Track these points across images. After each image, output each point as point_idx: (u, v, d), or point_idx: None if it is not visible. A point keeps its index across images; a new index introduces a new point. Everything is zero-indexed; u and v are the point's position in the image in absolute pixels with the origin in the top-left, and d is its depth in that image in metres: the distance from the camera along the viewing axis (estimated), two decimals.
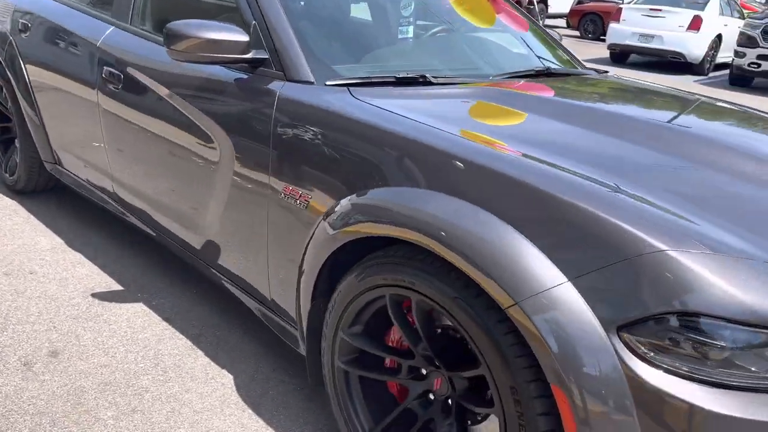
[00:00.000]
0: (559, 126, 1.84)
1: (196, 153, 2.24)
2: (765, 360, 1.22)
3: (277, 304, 2.09)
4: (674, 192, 1.48)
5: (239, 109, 2.07)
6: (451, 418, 1.62)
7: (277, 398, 2.14)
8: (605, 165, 1.58)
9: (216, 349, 2.38)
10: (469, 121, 1.82)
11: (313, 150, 1.83)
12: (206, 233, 2.32)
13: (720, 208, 1.44)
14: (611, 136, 1.79)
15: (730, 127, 2.14)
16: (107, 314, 2.56)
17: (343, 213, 1.69)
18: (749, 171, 1.67)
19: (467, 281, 1.43)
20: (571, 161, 1.55)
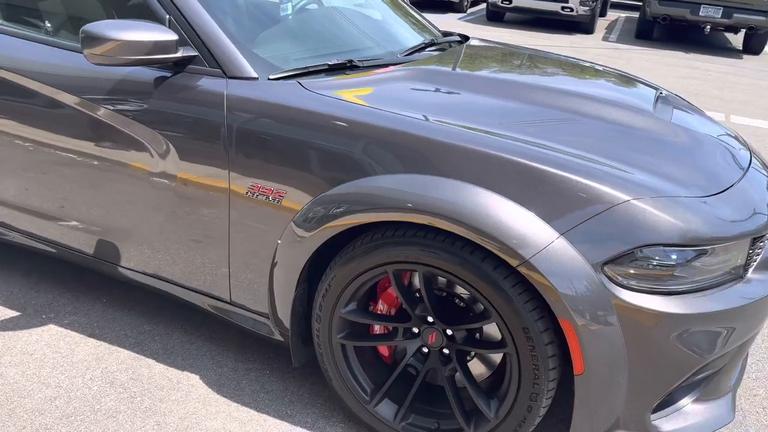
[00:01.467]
0: (500, 102, 2.11)
1: (126, 164, 2.13)
2: (694, 269, 1.68)
3: (240, 300, 2.14)
4: (599, 148, 1.87)
5: (178, 112, 2.01)
6: (452, 363, 1.90)
7: (253, 385, 2.21)
8: (553, 136, 1.89)
9: (165, 354, 2.33)
10: (430, 106, 2.01)
11: (283, 146, 1.89)
12: (140, 243, 2.24)
13: (635, 157, 1.86)
14: (546, 106, 2.11)
15: (597, 84, 2.62)
16: (21, 345, 2.33)
17: (329, 205, 1.81)
18: (636, 122, 2.12)
19: (472, 249, 1.69)
20: (528, 135, 1.85)
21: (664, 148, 1.96)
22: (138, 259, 2.30)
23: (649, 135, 2.03)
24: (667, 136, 2.05)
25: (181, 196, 2.08)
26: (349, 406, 2.00)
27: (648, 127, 2.08)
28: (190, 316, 2.56)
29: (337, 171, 1.83)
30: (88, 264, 2.44)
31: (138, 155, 2.10)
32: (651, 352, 1.66)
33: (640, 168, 1.78)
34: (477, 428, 1.84)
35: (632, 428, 1.75)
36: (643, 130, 2.05)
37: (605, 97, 2.29)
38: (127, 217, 2.23)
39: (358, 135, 1.83)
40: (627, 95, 2.44)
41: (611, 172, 1.71)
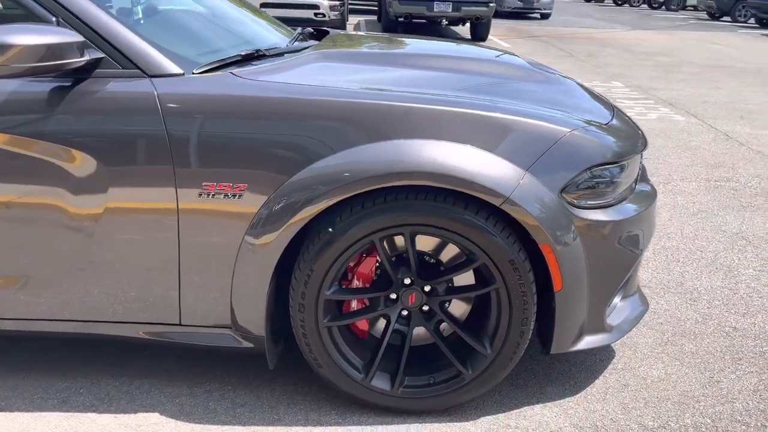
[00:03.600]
0: (411, 71, 2.25)
1: (36, 203, 1.84)
2: (619, 184, 2.00)
3: (193, 320, 1.98)
4: (517, 97, 2.12)
5: (93, 126, 1.79)
6: (436, 317, 2.00)
7: (223, 404, 2.05)
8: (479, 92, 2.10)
9: (104, 404, 2.04)
10: (365, 80, 2.06)
11: (236, 138, 1.81)
12: (58, 288, 1.94)
13: (544, 100, 2.15)
14: (431, 70, 2.30)
15: (468, 50, 2.90)
16: None
17: (298, 193, 1.79)
18: (519, 74, 2.43)
19: (454, 200, 1.81)
20: (464, 93, 2.02)
21: (556, 92, 2.30)
22: (50, 306, 1.99)
23: (539, 84, 2.35)
24: (549, 83, 2.40)
25: (108, 231, 1.87)
26: (344, 388, 1.99)
27: (531, 77, 2.41)
28: (109, 359, 2.27)
29: (301, 153, 1.81)
30: None
31: (49, 190, 1.84)
32: (604, 259, 1.96)
33: (555, 107, 2.07)
34: (474, 368, 1.98)
35: (592, 330, 2.04)
36: (530, 81, 2.37)
37: (486, 58, 2.60)
38: (42, 264, 1.92)
39: (319, 114, 1.83)
40: (500, 59, 2.75)
41: (545, 113, 1.97)
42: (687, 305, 2.75)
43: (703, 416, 2.05)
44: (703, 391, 2.17)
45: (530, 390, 2.16)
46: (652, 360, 2.34)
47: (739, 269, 3.11)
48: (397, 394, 1.99)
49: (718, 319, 2.64)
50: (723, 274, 3.05)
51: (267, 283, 1.90)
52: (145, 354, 2.31)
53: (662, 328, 2.56)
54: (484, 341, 1.96)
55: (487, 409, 2.06)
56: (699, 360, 2.35)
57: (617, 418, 2.03)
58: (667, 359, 2.35)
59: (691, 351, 2.40)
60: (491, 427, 1.98)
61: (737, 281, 2.98)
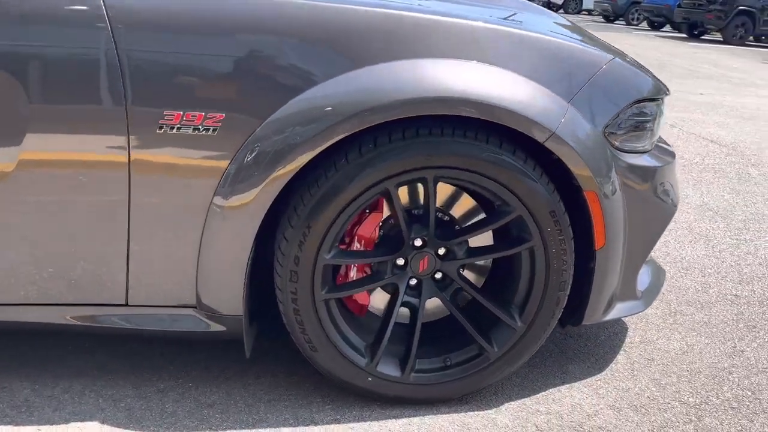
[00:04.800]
0: None
1: None
2: (656, 125, 1.73)
3: (143, 299, 1.53)
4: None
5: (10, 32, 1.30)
6: (454, 284, 1.65)
7: (185, 405, 1.60)
8: None
9: (24, 413, 1.53)
10: None
11: (210, 55, 1.37)
12: None
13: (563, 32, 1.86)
14: None
15: None
16: None
17: (299, 123, 1.38)
18: None
19: (486, 138, 1.47)
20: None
21: (561, 25, 2.01)
22: None
23: (540, 15, 2.06)
24: (548, 15, 2.12)
25: (35, 181, 1.39)
26: (344, 377, 1.60)
27: (528, 8, 2.11)
28: (19, 358, 1.74)
29: (294, 75, 1.41)
30: None
31: None
32: (643, 212, 1.69)
33: (575, 39, 1.78)
34: (499, 345, 1.64)
35: (624, 297, 1.77)
36: (530, 11, 2.07)
37: None
38: None
39: (320, 23, 1.43)
40: None
41: (576, 39, 1.67)
42: (681, 274, 2.56)
43: (741, 388, 1.83)
44: (732, 362, 1.96)
45: (550, 369, 1.86)
46: (667, 332, 2.11)
47: (716, 238, 2.98)
48: (408, 381, 1.62)
49: (717, 287, 2.47)
50: (703, 243, 2.91)
51: (248, 250, 1.48)
52: (69, 348, 1.81)
53: (666, 298, 2.34)
54: (513, 312, 1.64)
55: (508, 393, 1.74)
56: (715, 329, 2.15)
57: (654, 396, 1.77)
58: (682, 330, 2.13)
59: (704, 321, 2.20)
60: (519, 415, 1.66)
61: (720, 250, 2.85)
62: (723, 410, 1.73)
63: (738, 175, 4.13)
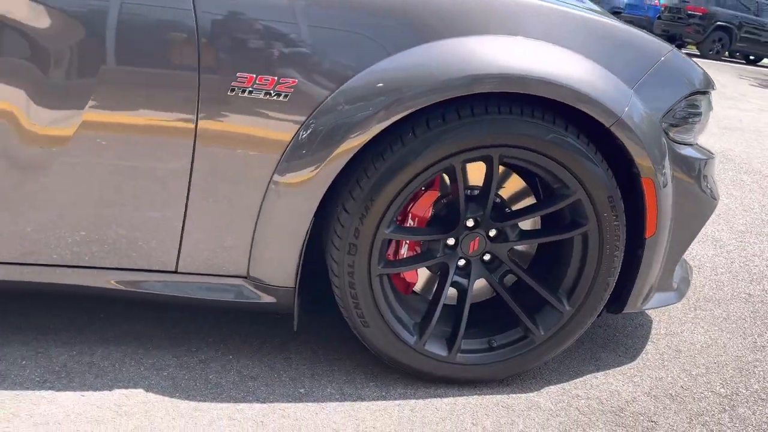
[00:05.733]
0: None
1: None
2: (705, 118, 1.76)
3: (194, 267, 1.50)
4: None
5: None
6: (503, 266, 1.65)
7: (228, 377, 1.57)
8: None
9: (68, 378, 1.49)
10: None
11: (286, 17, 1.34)
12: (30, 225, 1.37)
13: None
14: None
15: None
16: None
17: (369, 96, 1.37)
18: None
19: (553, 120, 1.47)
20: None
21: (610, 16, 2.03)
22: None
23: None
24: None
25: (93, 142, 1.35)
26: (391, 353, 1.58)
27: None
28: (52, 324, 1.69)
29: (365, 48, 1.39)
30: None
31: None
32: (689, 203, 1.71)
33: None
34: (545, 328, 1.65)
35: (661, 287, 1.80)
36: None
37: None
38: None
39: None
40: None
41: (635, 28, 1.69)
42: (696, 273, 2.61)
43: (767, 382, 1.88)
44: (755, 356, 2.01)
45: (583, 356, 1.88)
46: (690, 325, 2.15)
47: (723, 240, 3.05)
48: (454, 360, 1.62)
49: (730, 285, 2.52)
50: (711, 244, 2.98)
51: (306, 223, 1.46)
52: (102, 317, 1.76)
53: None
54: (560, 295, 1.65)
55: (547, 378, 1.75)
56: (734, 325, 2.19)
57: (687, 386, 1.80)
58: (704, 325, 2.17)
59: (723, 316, 2.25)
60: (560, 398, 1.67)
61: (728, 251, 2.91)
62: (754, 401, 1.77)
63: (732, 181, 4.23)
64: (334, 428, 1.47)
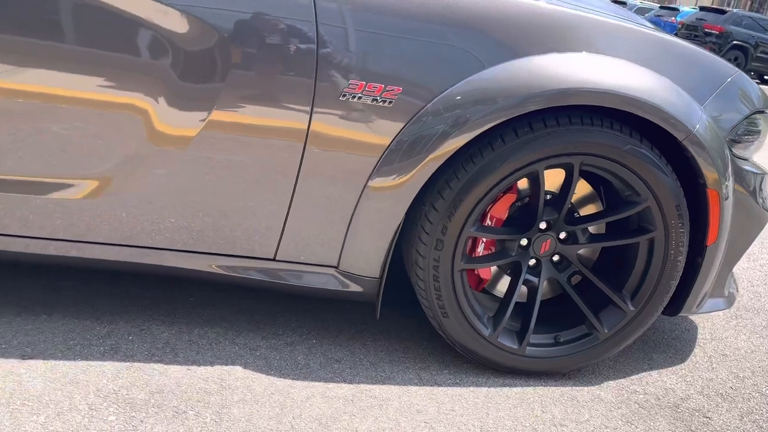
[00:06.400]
0: None
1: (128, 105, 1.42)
2: (763, 137, 1.88)
3: (291, 256, 1.63)
4: None
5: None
6: (571, 266, 1.77)
7: (315, 359, 1.69)
8: None
9: (173, 354, 1.61)
10: None
11: (396, 31, 1.47)
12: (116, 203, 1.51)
13: None
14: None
15: None
16: None
17: (466, 104, 1.49)
18: None
19: (630, 132, 1.59)
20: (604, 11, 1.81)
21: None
22: (105, 227, 1.54)
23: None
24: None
25: (215, 140, 1.48)
26: (467, 343, 1.70)
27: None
28: (147, 304, 1.82)
29: (464, 61, 1.51)
30: None
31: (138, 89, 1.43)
32: (745, 216, 1.83)
33: None
34: (609, 326, 1.77)
35: (714, 294, 1.91)
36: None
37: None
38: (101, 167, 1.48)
39: (492, 15, 1.54)
40: None
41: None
42: None
43: None
44: None
45: (637, 356, 1.99)
46: (733, 332, 2.26)
47: (755, 254, 3.16)
48: (523, 353, 1.74)
49: (767, 297, 2.64)
50: (744, 257, 3.08)
51: (398, 220, 1.59)
52: (191, 301, 1.89)
53: None
54: (624, 296, 1.77)
55: (605, 373, 1.87)
56: None
57: (735, 387, 1.91)
58: (746, 332, 2.28)
59: (763, 325, 2.36)
60: (619, 393, 1.79)
61: (761, 264, 3.02)
62: None
63: None
64: (417, 409, 1.59)
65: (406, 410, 1.58)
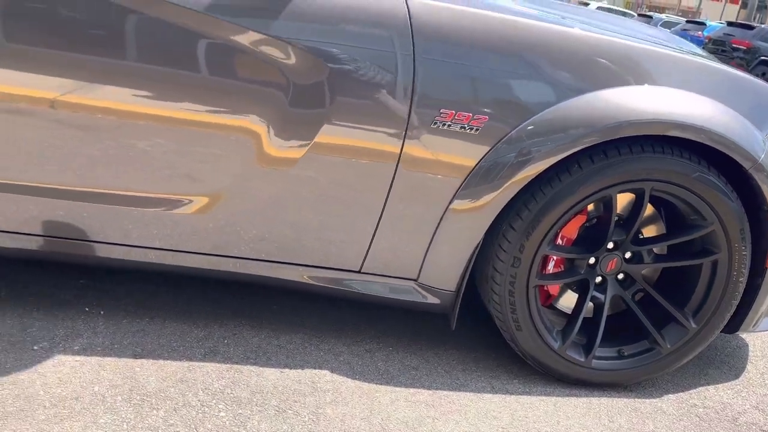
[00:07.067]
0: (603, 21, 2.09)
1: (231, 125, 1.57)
2: None
3: (374, 268, 1.76)
4: None
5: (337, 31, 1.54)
6: (636, 284, 1.88)
7: (393, 366, 1.82)
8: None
9: (266, 357, 1.75)
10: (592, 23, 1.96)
11: (485, 64, 1.60)
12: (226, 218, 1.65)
13: None
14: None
15: None
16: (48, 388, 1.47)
17: (547, 132, 1.61)
18: None
19: (698, 160, 1.70)
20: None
21: None
22: (212, 239, 1.68)
23: None
24: None
25: (317, 161, 1.61)
26: (537, 356, 1.81)
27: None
28: (236, 310, 1.95)
29: (548, 91, 1.63)
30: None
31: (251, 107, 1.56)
32: None
33: None
34: (671, 341, 1.87)
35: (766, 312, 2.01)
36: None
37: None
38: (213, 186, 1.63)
39: (576, 49, 1.66)
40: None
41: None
42: None
43: None
44: None
45: (693, 371, 2.08)
46: None
47: None
48: (589, 365, 1.84)
49: None
50: None
51: (478, 238, 1.70)
52: (274, 309, 2.02)
53: None
54: (687, 314, 1.86)
55: (664, 386, 1.96)
56: None
57: None
58: None
59: None
60: (680, 406, 1.88)
61: None
62: None
63: None
64: (493, 415, 1.70)
65: (483, 416, 1.69)
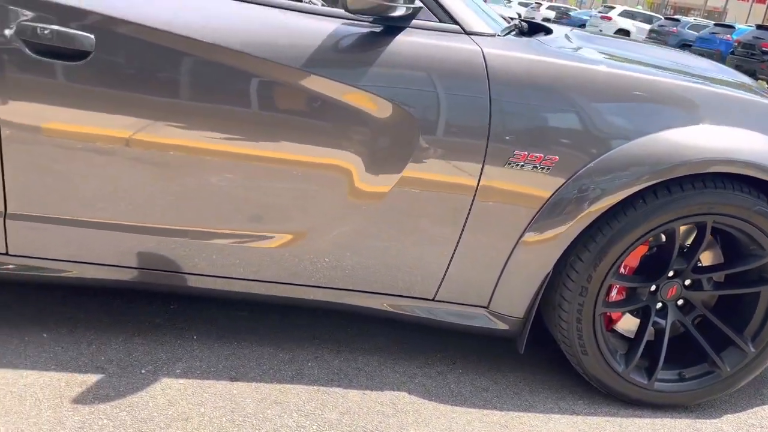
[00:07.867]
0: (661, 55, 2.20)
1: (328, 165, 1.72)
2: None
3: (448, 297, 1.88)
4: None
5: (414, 77, 1.67)
6: (696, 310, 1.97)
7: (464, 387, 1.93)
8: None
9: (347, 379, 1.88)
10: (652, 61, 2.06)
11: (555, 107, 1.72)
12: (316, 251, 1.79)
13: None
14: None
15: None
16: (147, 413, 1.62)
17: (614, 170, 1.71)
18: None
19: (758, 195, 1.80)
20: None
21: None
22: (303, 271, 1.82)
23: None
24: None
25: (403, 197, 1.74)
26: (602, 378, 1.92)
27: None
28: (315, 333, 2.09)
29: (615, 131, 1.74)
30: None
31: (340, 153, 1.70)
32: None
33: None
34: (730, 365, 1.96)
35: None
36: None
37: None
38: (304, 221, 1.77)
39: (642, 90, 1.77)
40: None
41: None
42: None
43: None
44: None
45: (748, 392, 2.16)
46: None
47: None
48: (652, 387, 1.94)
49: None
50: None
51: (548, 269, 1.81)
52: (350, 331, 2.15)
53: None
54: (746, 338, 1.95)
55: (723, 407, 2.05)
56: None
57: None
58: None
59: None
60: (739, 426, 1.97)
61: None
62: None
63: None
64: None
65: None
